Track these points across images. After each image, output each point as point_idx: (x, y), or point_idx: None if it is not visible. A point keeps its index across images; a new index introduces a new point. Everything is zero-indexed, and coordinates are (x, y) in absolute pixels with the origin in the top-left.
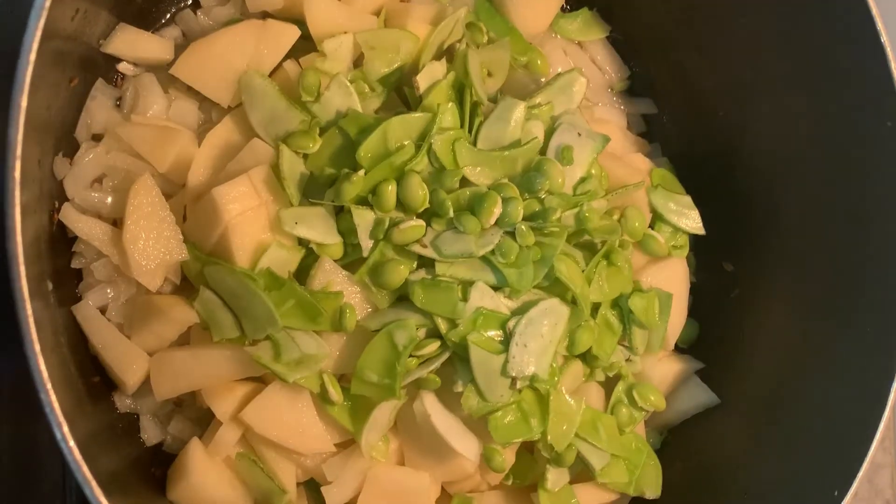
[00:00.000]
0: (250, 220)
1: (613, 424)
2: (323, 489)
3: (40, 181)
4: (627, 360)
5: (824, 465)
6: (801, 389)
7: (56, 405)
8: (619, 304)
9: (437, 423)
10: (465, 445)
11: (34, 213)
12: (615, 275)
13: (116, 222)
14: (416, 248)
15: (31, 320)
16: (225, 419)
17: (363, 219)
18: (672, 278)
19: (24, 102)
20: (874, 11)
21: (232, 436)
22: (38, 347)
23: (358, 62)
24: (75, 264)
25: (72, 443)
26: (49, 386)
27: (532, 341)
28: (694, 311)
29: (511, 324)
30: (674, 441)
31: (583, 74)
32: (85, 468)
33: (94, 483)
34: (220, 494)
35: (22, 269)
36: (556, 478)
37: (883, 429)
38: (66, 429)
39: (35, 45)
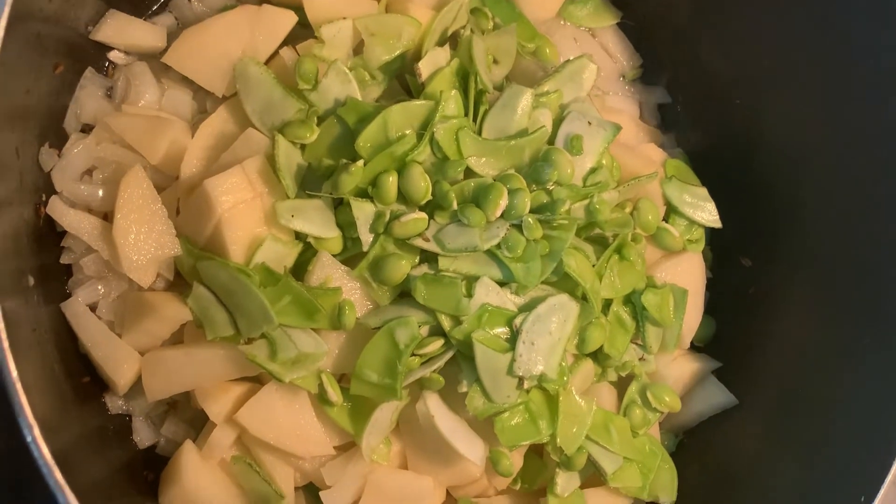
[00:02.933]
0: (244, 212)
1: (626, 426)
2: (322, 494)
3: (20, 172)
4: (641, 359)
5: (849, 468)
6: (823, 389)
7: (26, 406)
8: (631, 301)
9: (441, 424)
10: (471, 448)
11: (12, 205)
12: (627, 270)
13: (107, 216)
14: (419, 242)
15: None
16: (219, 421)
17: (363, 211)
18: (687, 274)
19: None
20: None
21: (226, 438)
22: (6, 345)
23: (358, 49)
24: (65, 260)
25: (45, 449)
26: (19, 386)
27: (540, 339)
28: (710, 308)
29: (518, 321)
30: (690, 443)
31: (593, 62)
32: (58, 473)
33: (67, 490)
34: (214, 499)
35: None
36: (565, 482)
37: None
38: (36, 431)
39: (3, 23)
